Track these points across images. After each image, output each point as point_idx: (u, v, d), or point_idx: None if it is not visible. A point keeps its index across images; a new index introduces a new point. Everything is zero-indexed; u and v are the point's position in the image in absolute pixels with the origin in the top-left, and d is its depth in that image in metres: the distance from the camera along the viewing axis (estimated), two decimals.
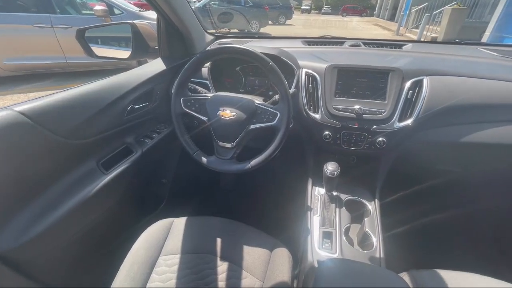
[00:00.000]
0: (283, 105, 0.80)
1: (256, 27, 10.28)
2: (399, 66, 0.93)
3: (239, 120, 0.83)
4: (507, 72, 0.97)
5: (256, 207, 1.57)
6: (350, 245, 0.84)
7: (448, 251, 1.29)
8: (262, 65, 0.80)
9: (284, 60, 1.00)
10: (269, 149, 0.83)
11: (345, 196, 0.99)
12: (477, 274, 0.73)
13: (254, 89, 1.19)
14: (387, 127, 0.91)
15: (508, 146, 0.89)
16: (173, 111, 0.90)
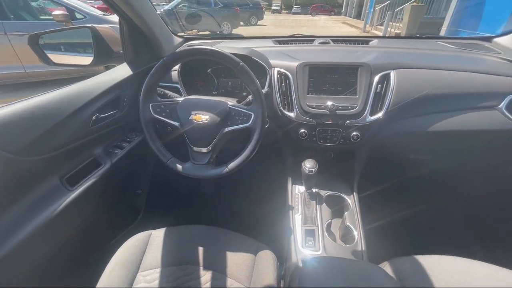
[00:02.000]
0: (257, 105, 0.79)
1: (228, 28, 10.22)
2: (367, 61, 0.96)
3: (213, 123, 0.80)
4: (463, 63, 1.04)
5: (237, 210, 1.55)
6: (333, 241, 0.85)
7: (426, 238, 1.35)
8: (233, 66, 0.78)
9: (255, 60, 0.99)
10: (246, 151, 0.81)
11: (325, 192, 1.00)
12: (452, 256, 0.76)
13: (228, 91, 1.16)
14: (359, 121, 0.93)
15: (470, 132, 0.95)
16: (142, 118, 0.85)
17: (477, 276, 0.71)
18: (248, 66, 0.79)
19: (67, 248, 0.84)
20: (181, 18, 6.67)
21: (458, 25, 6.16)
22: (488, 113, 0.93)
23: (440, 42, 1.28)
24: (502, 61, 1.03)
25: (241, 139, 0.88)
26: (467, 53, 1.12)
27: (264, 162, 1.32)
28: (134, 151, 1.07)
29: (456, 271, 0.73)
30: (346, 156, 1.07)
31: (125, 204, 1.21)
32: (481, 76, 0.96)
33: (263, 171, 1.46)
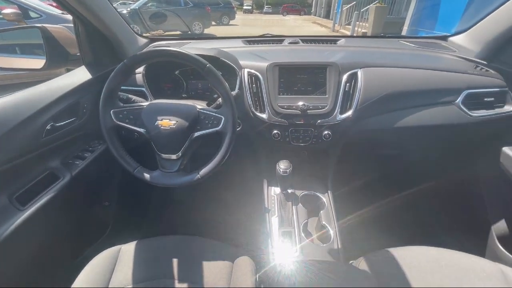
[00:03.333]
0: (227, 108, 0.76)
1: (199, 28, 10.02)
2: (335, 61, 0.97)
3: (181, 128, 0.76)
4: (424, 61, 1.10)
5: (213, 216, 1.51)
6: (310, 242, 0.85)
7: (399, 231, 1.40)
8: (199, 68, 0.75)
9: (224, 61, 0.97)
10: (218, 156, 0.78)
11: (301, 192, 1.01)
12: (423, 246, 0.80)
13: (198, 93, 1.12)
14: (330, 120, 0.94)
15: (432, 127, 1.00)
16: (103, 126, 0.79)
17: (445, 264, 0.75)
18: (217, 67, 0.76)
19: (24, 273, 0.76)
20: (145, 18, 6.31)
21: (418, 24, 6.59)
22: (447, 108, 0.99)
23: (402, 41, 1.34)
24: (457, 58, 1.10)
25: (214, 142, 0.85)
26: (427, 51, 1.18)
27: (239, 164, 1.30)
28: (98, 161, 1.00)
29: (426, 260, 0.76)
30: (320, 155, 1.08)
31: (91, 218, 1.12)
32: (440, 73, 1.01)
33: (238, 173, 1.44)
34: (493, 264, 0.75)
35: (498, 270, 0.73)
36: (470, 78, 1.00)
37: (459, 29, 1.23)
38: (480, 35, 1.09)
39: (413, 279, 0.72)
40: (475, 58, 1.08)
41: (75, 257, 1.01)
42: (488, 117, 0.98)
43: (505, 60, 1.03)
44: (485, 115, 0.98)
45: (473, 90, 0.98)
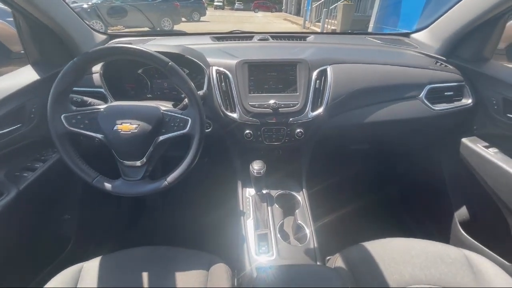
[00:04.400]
0: (193, 109, 0.72)
1: (169, 24, 9.65)
2: (304, 57, 0.96)
3: (144, 132, 0.70)
4: (389, 57, 1.13)
5: (185, 223, 1.45)
6: (286, 242, 0.84)
7: (373, 224, 1.45)
8: (161, 66, 0.69)
9: (190, 58, 0.91)
10: (186, 160, 0.73)
11: (276, 191, 0.99)
12: (395, 238, 0.82)
13: (164, 93, 1.06)
14: (302, 117, 0.93)
15: (399, 121, 1.04)
16: (54, 133, 0.70)
17: (415, 253, 0.77)
18: (182, 65, 0.71)
19: None
20: (103, 13, 5.77)
21: (382, 22, 6.92)
22: (412, 103, 1.03)
23: (368, 37, 1.38)
24: (419, 54, 1.15)
25: (185, 144, 0.80)
26: (391, 48, 1.22)
27: (211, 166, 1.25)
28: (52, 171, 0.90)
29: (397, 252, 0.78)
30: (293, 154, 1.07)
31: (47, 235, 1.01)
32: (404, 69, 1.05)
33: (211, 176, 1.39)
34: (457, 250, 0.79)
35: (462, 256, 0.77)
36: (432, 73, 1.04)
37: (420, 27, 1.29)
38: (439, 32, 1.15)
39: (386, 271, 0.74)
40: (435, 54, 1.13)
41: (29, 281, 0.90)
42: (448, 110, 1.03)
43: (461, 56, 1.09)
44: (446, 108, 1.03)
45: (435, 85, 1.03)
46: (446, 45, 1.10)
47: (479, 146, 1.01)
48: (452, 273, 0.73)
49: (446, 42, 1.10)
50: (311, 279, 0.57)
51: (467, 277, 0.72)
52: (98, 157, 0.84)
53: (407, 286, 0.71)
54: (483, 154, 0.98)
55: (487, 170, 0.97)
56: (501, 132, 0.96)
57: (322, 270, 0.60)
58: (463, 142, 1.07)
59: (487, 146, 1.00)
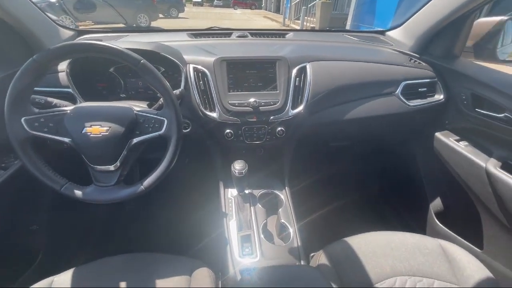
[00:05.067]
0: (169, 109, 0.68)
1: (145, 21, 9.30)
2: (284, 55, 0.95)
3: (116, 135, 0.66)
4: (367, 54, 1.15)
5: (166, 227, 1.40)
6: (270, 242, 0.83)
7: (355, 218, 1.48)
8: (132, 64, 0.65)
9: (165, 56, 0.87)
10: (163, 163, 0.70)
11: (258, 191, 0.98)
12: (375, 232, 0.84)
13: (139, 93, 1.00)
14: (283, 116, 0.92)
15: (377, 117, 1.06)
16: (13, 138, 0.64)
17: (395, 246, 0.80)
18: (158, 63, 0.68)
19: None
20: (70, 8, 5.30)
21: (359, 20, 7.12)
22: (389, 99, 1.05)
23: (346, 35, 1.39)
24: (394, 52, 1.18)
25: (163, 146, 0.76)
26: (368, 45, 1.24)
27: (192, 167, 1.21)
28: (15, 179, 0.82)
29: (378, 245, 0.80)
30: (275, 152, 1.06)
31: (12, 248, 0.93)
32: (381, 66, 1.07)
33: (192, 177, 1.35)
34: (433, 240, 0.82)
35: (438, 245, 0.80)
36: (406, 70, 1.08)
37: (394, 25, 1.32)
38: (411, 30, 1.18)
39: (368, 265, 0.76)
40: (408, 52, 1.17)
41: None
42: (422, 105, 1.07)
43: (433, 53, 1.13)
44: (420, 104, 1.07)
45: (410, 81, 1.06)
46: (419, 42, 1.14)
47: (451, 140, 1.05)
48: (429, 262, 0.76)
49: (419, 40, 1.14)
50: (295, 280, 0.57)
51: (442, 266, 0.75)
52: (68, 162, 0.79)
53: (387, 278, 0.73)
54: (455, 147, 1.02)
55: (458, 162, 1.01)
56: (471, 126, 1.01)
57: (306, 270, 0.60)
58: (436, 136, 1.12)
59: (458, 139, 1.05)
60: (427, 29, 1.09)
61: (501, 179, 0.84)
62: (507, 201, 0.83)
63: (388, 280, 0.73)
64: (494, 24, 1.00)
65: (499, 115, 0.87)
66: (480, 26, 1.02)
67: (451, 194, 1.16)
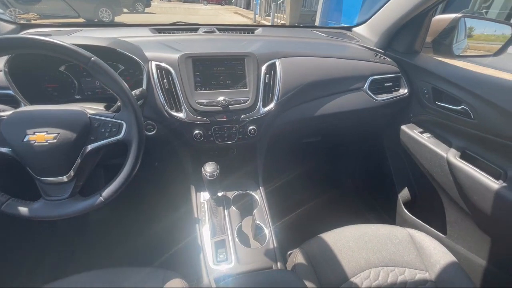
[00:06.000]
0: (127, 111, 0.62)
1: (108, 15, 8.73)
2: (252, 51, 0.92)
3: (67, 142, 0.59)
4: (335, 50, 1.16)
5: (135, 237, 1.29)
6: (246, 246, 0.80)
7: (330, 214, 1.50)
8: (81, 62, 0.58)
9: (122, 52, 0.80)
10: (124, 170, 0.64)
11: (232, 193, 0.95)
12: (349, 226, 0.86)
13: (96, 93, 0.92)
14: (254, 114, 0.90)
15: (347, 112, 1.07)
16: None
17: (368, 238, 0.81)
18: (116, 61, 0.61)
19: None
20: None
21: (327, 17, 7.31)
22: (357, 94, 1.07)
23: (315, 31, 1.40)
24: (361, 47, 1.20)
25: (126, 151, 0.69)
26: (336, 41, 1.26)
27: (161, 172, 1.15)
28: None
29: (352, 239, 0.82)
30: (248, 152, 1.04)
31: None
32: (349, 62, 1.08)
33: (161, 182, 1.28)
34: (402, 230, 0.85)
35: (407, 234, 0.84)
36: (372, 65, 1.10)
37: (360, 21, 1.35)
38: (375, 27, 1.21)
39: (343, 260, 0.77)
40: (374, 47, 1.20)
41: None
42: (388, 100, 1.10)
43: (396, 49, 1.17)
44: (386, 98, 1.10)
45: (376, 77, 1.08)
46: (383, 38, 1.18)
47: (415, 132, 1.10)
48: (399, 252, 0.79)
49: (383, 36, 1.17)
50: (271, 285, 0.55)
51: (411, 254, 0.78)
52: (12, 175, 0.69)
53: (362, 271, 0.74)
54: (419, 139, 1.07)
55: (422, 153, 1.06)
56: (433, 118, 1.06)
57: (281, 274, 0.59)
58: (402, 129, 1.16)
59: (422, 131, 1.10)
60: (389, 26, 1.12)
61: (460, 168, 0.89)
62: (466, 189, 0.89)
63: (363, 273, 0.74)
64: (450, 21, 1.05)
65: (457, 108, 0.92)
66: (438, 23, 1.08)
67: (417, 184, 1.22)
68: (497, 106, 0.80)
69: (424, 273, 0.74)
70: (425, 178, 1.09)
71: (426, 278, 0.73)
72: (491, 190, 0.80)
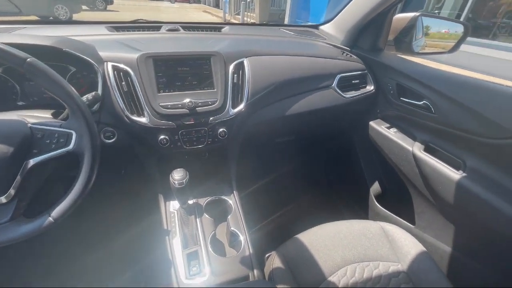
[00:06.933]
0: (76, 119, 0.55)
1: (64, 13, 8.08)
2: (218, 50, 0.88)
3: (2, 157, 0.50)
4: (304, 48, 1.15)
5: (100, 254, 1.17)
6: (220, 255, 0.76)
7: (307, 213, 1.51)
8: (15, 64, 0.50)
9: (70, 52, 0.71)
10: (76, 186, 0.56)
11: (204, 199, 0.90)
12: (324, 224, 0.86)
13: (44, 99, 0.81)
14: (223, 116, 0.86)
15: (318, 110, 1.08)
16: None
17: (343, 235, 0.82)
18: (66, 62, 0.54)
19: None
20: None
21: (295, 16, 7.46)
22: (326, 92, 1.08)
23: (283, 29, 1.39)
24: (328, 45, 1.22)
25: None
26: (305, 39, 1.26)
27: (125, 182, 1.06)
28: None
29: (328, 237, 0.82)
30: (220, 155, 1.00)
31: None
32: (318, 60, 1.08)
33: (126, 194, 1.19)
34: (375, 224, 0.87)
35: (379, 228, 0.85)
36: (340, 63, 1.11)
37: (326, 19, 1.36)
38: (341, 25, 1.23)
39: (320, 259, 0.76)
40: (340, 45, 1.21)
41: None
42: (356, 97, 1.12)
43: (361, 47, 1.19)
44: (354, 95, 1.12)
45: (344, 74, 1.10)
46: (348, 36, 1.20)
47: (383, 128, 1.14)
48: (373, 246, 0.80)
49: (349, 33, 1.19)
50: None
51: (384, 247, 0.80)
52: None
53: (339, 269, 0.74)
54: (386, 134, 1.11)
55: (390, 147, 1.10)
56: (398, 113, 1.10)
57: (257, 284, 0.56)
58: (371, 125, 1.20)
59: (389, 126, 1.14)
60: (354, 24, 1.14)
61: (425, 160, 0.93)
62: (430, 180, 0.93)
63: (340, 271, 0.74)
64: (409, 20, 1.09)
65: (419, 103, 0.96)
66: (398, 22, 1.11)
67: (387, 178, 1.27)
68: (454, 101, 0.84)
69: (397, 265, 0.76)
70: (394, 171, 1.13)
71: (399, 270, 0.75)
72: (453, 180, 0.84)
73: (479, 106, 0.78)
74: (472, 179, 0.81)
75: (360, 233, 0.84)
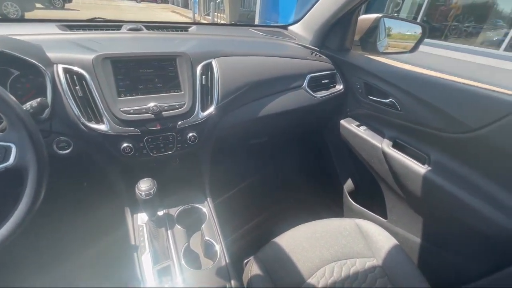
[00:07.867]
0: (15, 130, 0.48)
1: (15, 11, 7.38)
2: (185, 50, 0.83)
3: None
4: (273, 48, 1.15)
5: (60, 274, 1.06)
6: (195, 268, 0.72)
7: (283, 215, 1.49)
8: None
9: (10, 53, 0.63)
10: (20, 206, 0.49)
11: (175, 209, 0.85)
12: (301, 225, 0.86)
13: None
14: (192, 119, 0.81)
15: (289, 111, 1.07)
16: None
17: (319, 235, 0.82)
18: (7, 65, 0.46)
19: None
20: None
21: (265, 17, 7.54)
22: (297, 93, 1.08)
23: (252, 29, 1.37)
24: (297, 46, 1.22)
25: None
26: (274, 39, 1.25)
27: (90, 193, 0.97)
28: None
29: (305, 238, 0.81)
30: (191, 161, 0.95)
31: None
32: (288, 60, 1.08)
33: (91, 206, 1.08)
34: (350, 221, 0.88)
35: (354, 225, 0.87)
36: (310, 63, 1.12)
37: (295, 19, 1.37)
38: (309, 25, 1.24)
39: (298, 261, 0.75)
40: (309, 45, 1.22)
41: None
42: (327, 96, 1.14)
43: (329, 47, 1.21)
44: (325, 95, 1.14)
45: (314, 74, 1.11)
46: (316, 36, 1.21)
47: (353, 126, 1.17)
48: (350, 244, 0.81)
49: (317, 34, 1.20)
50: None
51: (360, 243, 0.81)
52: None
53: (318, 270, 0.74)
54: (356, 132, 1.14)
55: (361, 145, 1.13)
56: (367, 111, 1.13)
57: None
58: (341, 123, 1.22)
59: (359, 125, 1.17)
60: (321, 24, 1.16)
61: (393, 156, 0.97)
62: (399, 175, 0.96)
63: (319, 272, 0.74)
64: (372, 21, 1.13)
65: (386, 101, 1.00)
66: (363, 22, 1.15)
67: (359, 174, 1.30)
68: (417, 98, 0.88)
69: (372, 260, 0.78)
70: (365, 168, 1.16)
71: (374, 265, 0.77)
72: (419, 174, 0.88)
73: (440, 103, 0.82)
74: (436, 172, 0.86)
75: (336, 232, 0.84)
